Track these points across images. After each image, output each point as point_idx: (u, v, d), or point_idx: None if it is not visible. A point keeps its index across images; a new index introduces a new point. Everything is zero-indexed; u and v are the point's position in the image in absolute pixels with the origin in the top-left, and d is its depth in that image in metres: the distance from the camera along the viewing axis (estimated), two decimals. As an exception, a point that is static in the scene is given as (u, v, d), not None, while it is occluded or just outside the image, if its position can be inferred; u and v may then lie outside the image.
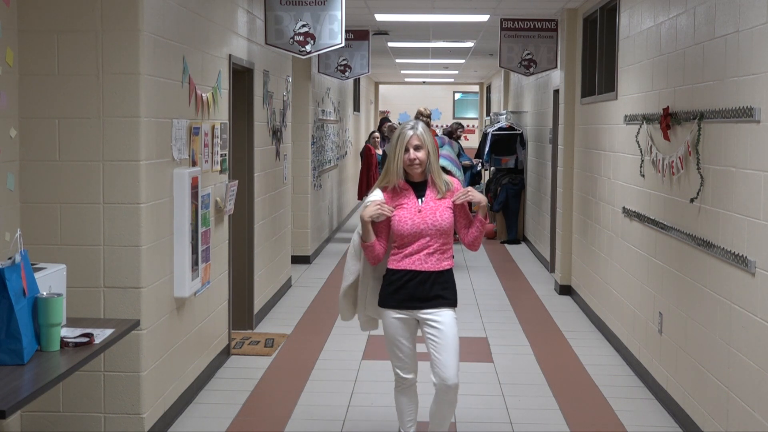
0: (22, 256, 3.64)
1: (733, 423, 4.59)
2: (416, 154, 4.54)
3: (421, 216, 4.53)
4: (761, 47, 4.26)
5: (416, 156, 4.54)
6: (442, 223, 4.54)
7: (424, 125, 4.62)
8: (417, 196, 4.59)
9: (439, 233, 4.54)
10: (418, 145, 4.54)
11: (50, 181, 4.74)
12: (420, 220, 4.53)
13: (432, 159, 4.58)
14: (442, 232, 4.55)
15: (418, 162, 4.55)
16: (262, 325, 8.07)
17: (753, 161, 4.35)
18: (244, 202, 7.53)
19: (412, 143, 4.54)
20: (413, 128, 4.57)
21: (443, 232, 4.55)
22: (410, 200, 4.58)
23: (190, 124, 5.56)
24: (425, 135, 4.57)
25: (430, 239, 4.53)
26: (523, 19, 10.30)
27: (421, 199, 4.58)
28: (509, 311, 8.86)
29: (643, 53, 6.57)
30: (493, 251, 13.03)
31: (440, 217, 4.55)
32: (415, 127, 4.58)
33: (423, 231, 4.52)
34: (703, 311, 5.07)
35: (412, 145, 4.54)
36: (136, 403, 4.86)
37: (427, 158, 4.56)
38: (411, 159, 4.55)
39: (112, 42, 4.69)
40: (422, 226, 4.52)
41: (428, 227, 4.52)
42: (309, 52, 8.03)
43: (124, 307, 4.79)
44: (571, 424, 5.54)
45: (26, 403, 3.21)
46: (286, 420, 5.56)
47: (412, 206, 4.55)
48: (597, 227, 8.15)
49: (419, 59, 17.26)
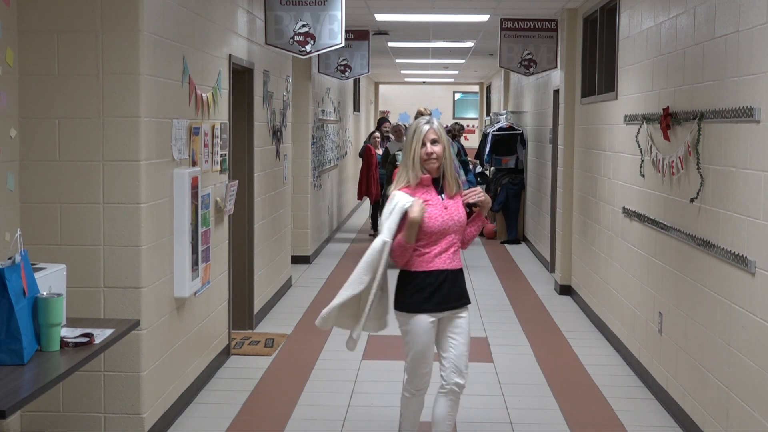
0: (22, 256, 3.64)
1: (733, 423, 4.59)
2: (433, 148, 4.47)
3: (448, 213, 4.47)
4: (761, 47, 4.26)
5: (433, 150, 4.47)
6: (463, 220, 4.53)
7: (439, 121, 4.59)
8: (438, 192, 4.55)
9: (461, 230, 4.53)
10: (434, 139, 4.49)
11: (50, 181, 4.74)
12: (448, 217, 4.46)
13: (447, 154, 4.53)
14: (462, 228, 4.53)
15: (435, 156, 4.48)
16: (262, 325, 8.07)
17: (753, 161, 4.35)
18: (244, 202, 7.53)
19: (429, 137, 4.49)
20: (429, 123, 4.53)
21: (462, 228, 4.54)
22: (434, 197, 4.50)
23: (190, 124, 5.56)
24: (441, 130, 4.53)
25: (454, 236, 4.50)
26: (523, 19, 10.30)
27: (442, 195, 4.53)
28: (509, 311, 8.86)
29: (643, 53, 6.57)
30: (493, 251, 13.03)
31: (461, 213, 4.52)
32: (431, 121, 4.54)
33: (450, 228, 4.47)
34: (703, 311, 5.07)
35: (429, 139, 4.48)
36: (136, 403, 4.86)
37: (443, 153, 4.51)
38: (428, 153, 4.47)
39: (112, 42, 4.69)
40: (450, 222, 4.46)
41: (455, 223, 4.48)
42: (309, 52, 8.03)
43: (124, 307, 4.79)
44: (571, 424, 5.54)
45: (26, 403, 3.21)
46: (286, 420, 5.56)
47: (437, 203, 4.48)
48: (597, 227, 8.15)
49: (419, 59, 17.26)
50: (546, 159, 11.74)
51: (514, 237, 13.88)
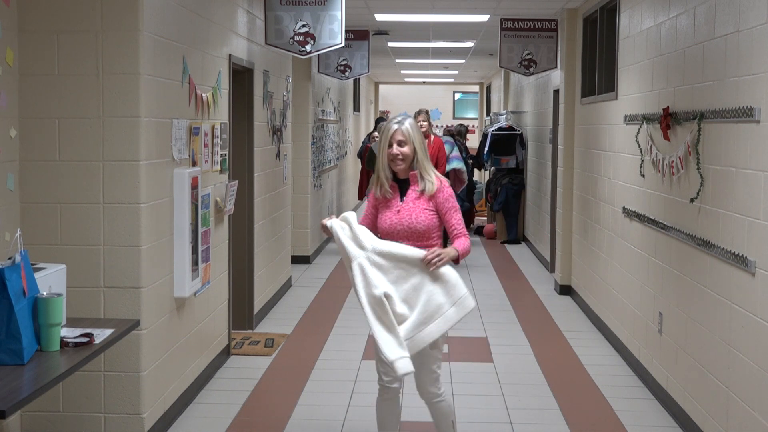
0: (22, 256, 3.64)
1: (733, 423, 4.59)
2: (400, 149, 4.38)
3: (398, 216, 4.38)
4: (761, 47, 4.26)
5: (399, 151, 4.38)
6: (418, 225, 4.35)
7: (413, 121, 4.46)
8: (400, 194, 4.44)
9: (414, 235, 4.35)
10: (401, 140, 4.38)
11: (50, 181, 4.74)
12: (397, 221, 4.37)
13: (420, 156, 4.40)
14: (418, 234, 4.36)
15: (401, 158, 4.38)
16: (262, 325, 8.07)
17: (753, 161, 4.35)
18: (244, 202, 7.53)
19: (395, 138, 4.39)
20: (399, 122, 4.42)
21: (420, 235, 4.36)
22: (395, 199, 4.44)
23: (190, 124, 5.57)
24: (411, 130, 4.39)
25: (406, 241, 4.34)
26: (523, 19, 10.30)
27: (402, 198, 4.43)
28: (509, 311, 8.86)
29: (643, 53, 6.57)
30: (493, 251, 13.03)
31: (416, 218, 4.36)
32: (401, 121, 4.43)
33: (399, 232, 4.36)
34: (703, 311, 5.07)
35: (395, 140, 4.39)
36: (136, 403, 4.86)
37: (413, 154, 4.39)
38: (393, 154, 4.39)
39: (112, 42, 4.68)
40: (399, 227, 4.36)
41: (404, 228, 4.35)
42: (309, 52, 8.03)
43: (124, 307, 4.79)
44: (571, 424, 5.54)
45: (26, 403, 3.21)
46: (286, 420, 5.56)
47: (393, 205, 4.42)
48: (597, 227, 8.15)
49: (419, 59, 17.26)
50: (546, 159, 11.74)
51: (514, 237, 13.88)
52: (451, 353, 7.08)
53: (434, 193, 4.41)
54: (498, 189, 14.18)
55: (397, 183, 4.48)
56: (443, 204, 4.41)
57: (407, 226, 4.36)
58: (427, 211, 4.39)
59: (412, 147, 4.39)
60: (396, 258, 4.24)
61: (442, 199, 4.41)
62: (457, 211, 4.43)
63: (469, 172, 14.31)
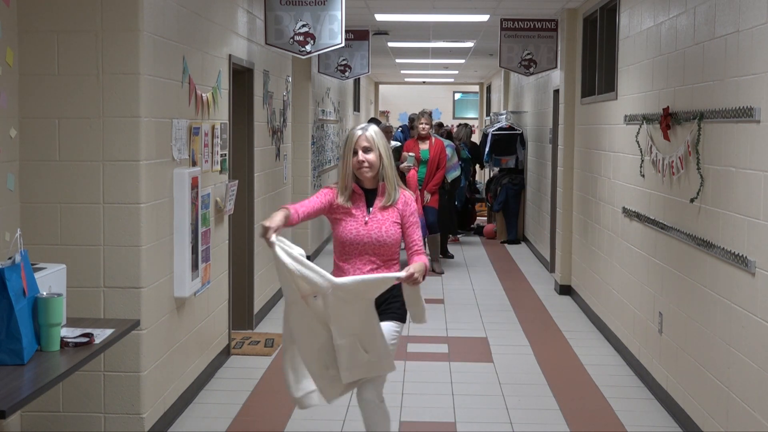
0: (22, 256, 3.64)
1: (733, 423, 4.59)
2: (365, 156, 4.23)
3: (366, 228, 4.23)
4: (761, 47, 4.26)
5: (365, 158, 4.23)
6: (387, 239, 4.24)
7: (377, 128, 4.30)
8: (367, 205, 4.29)
9: (380, 249, 4.24)
10: (367, 147, 4.23)
11: (50, 181, 4.74)
12: (365, 233, 4.22)
13: (386, 164, 4.27)
14: (385, 247, 4.24)
15: (367, 165, 4.24)
16: (262, 325, 8.07)
17: (753, 161, 4.35)
18: (244, 202, 7.53)
19: (360, 145, 4.24)
20: (363, 129, 4.29)
21: (386, 248, 4.25)
22: (360, 210, 4.28)
23: (190, 124, 5.57)
24: (376, 136, 4.26)
25: (376, 260, 4.24)
26: (523, 19, 10.30)
27: (370, 209, 4.28)
28: (509, 311, 8.86)
29: (643, 53, 6.57)
30: (493, 251, 13.03)
31: (386, 231, 4.24)
32: (365, 128, 4.31)
33: (366, 245, 4.22)
34: (703, 311, 5.07)
35: (360, 146, 4.24)
36: (136, 403, 4.86)
37: (378, 161, 4.25)
38: (359, 161, 4.23)
39: (112, 42, 4.69)
40: (366, 239, 4.22)
41: (372, 241, 4.22)
42: (309, 52, 8.03)
43: (124, 307, 4.79)
44: (571, 424, 5.54)
45: (26, 403, 3.21)
46: (286, 420, 5.56)
47: (360, 216, 4.25)
48: (597, 227, 8.15)
49: (419, 59, 17.26)
50: (546, 159, 11.74)
51: (514, 237, 13.88)
52: (451, 353, 7.08)
53: (402, 207, 4.31)
54: (498, 189, 14.18)
55: (363, 192, 4.33)
56: (409, 218, 4.31)
57: (376, 239, 4.23)
58: (396, 225, 4.28)
59: (377, 154, 4.26)
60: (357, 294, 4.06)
61: (408, 213, 4.32)
62: (418, 227, 4.36)
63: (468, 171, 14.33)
